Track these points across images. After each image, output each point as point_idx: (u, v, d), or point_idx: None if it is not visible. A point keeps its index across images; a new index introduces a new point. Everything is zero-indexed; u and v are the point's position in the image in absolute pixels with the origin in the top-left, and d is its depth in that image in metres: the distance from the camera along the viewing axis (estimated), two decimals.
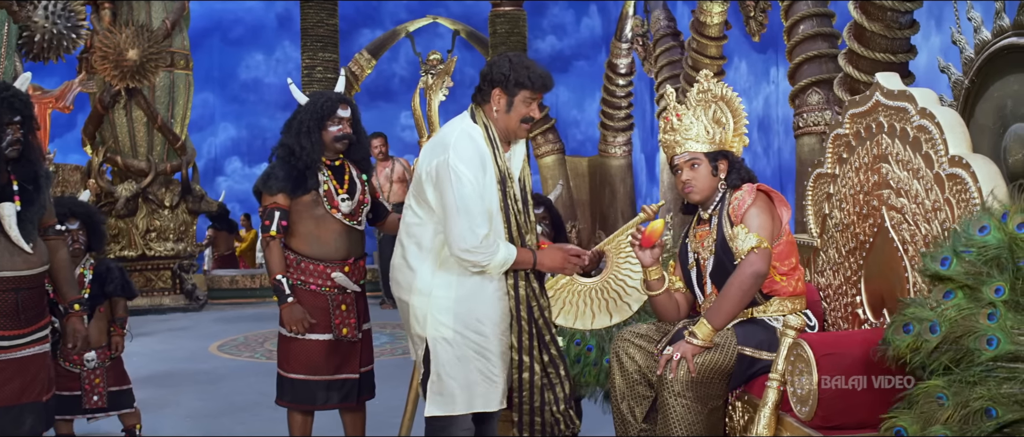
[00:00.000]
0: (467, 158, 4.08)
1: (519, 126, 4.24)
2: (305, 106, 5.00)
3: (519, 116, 4.21)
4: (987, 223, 3.22)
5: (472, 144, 4.12)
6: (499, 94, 4.19)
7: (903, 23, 6.05)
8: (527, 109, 4.22)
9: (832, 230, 4.64)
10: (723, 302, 4.04)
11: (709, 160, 4.25)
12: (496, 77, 4.19)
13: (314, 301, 4.98)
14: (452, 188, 4.04)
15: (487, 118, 4.22)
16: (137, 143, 12.34)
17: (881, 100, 4.20)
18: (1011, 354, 2.99)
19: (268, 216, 4.93)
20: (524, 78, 4.16)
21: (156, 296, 12.48)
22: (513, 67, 4.18)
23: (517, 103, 4.20)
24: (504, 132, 4.24)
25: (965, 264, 3.18)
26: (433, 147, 4.19)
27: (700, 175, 4.26)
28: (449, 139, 4.14)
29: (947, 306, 3.14)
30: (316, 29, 12.37)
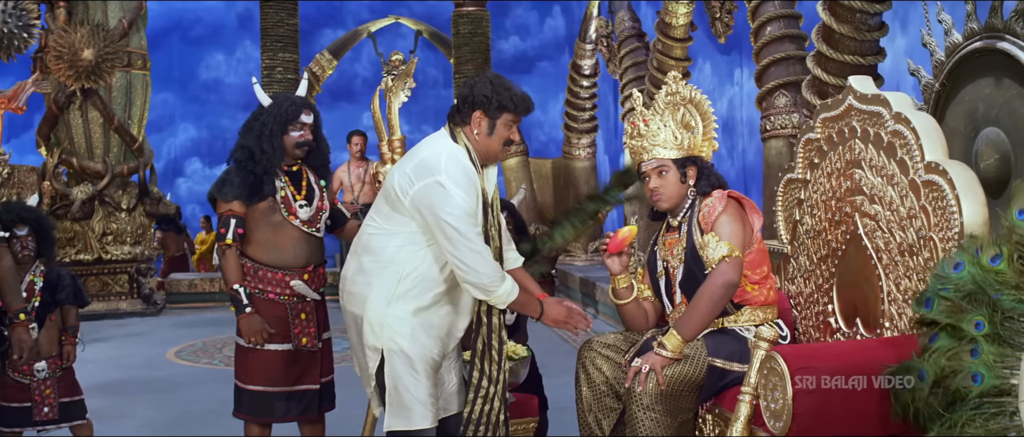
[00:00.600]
0: (460, 181, 3.94)
1: (500, 149, 4.12)
2: (268, 109, 4.85)
3: (500, 139, 4.09)
4: (961, 260, 3.19)
5: (461, 167, 3.99)
6: (480, 116, 4.05)
7: (872, 25, 5.97)
8: (508, 132, 4.10)
9: (803, 237, 4.54)
10: (693, 313, 3.93)
11: (677, 167, 4.14)
12: (478, 99, 4.05)
13: (273, 310, 4.84)
14: (450, 213, 3.90)
15: (467, 140, 4.09)
16: (93, 144, 12.14)
17: (854, 104, 4.10)
18: (996, 389, 2.97)
19: (224, 224, 4.78)
20: (507, 101, 4.03)
21: (113, 300, 12.28)
22: (495, 90, 4.04)
23: (499, 126, 4.06)
24: (483, 155, 4.11)
25: (946, 303, 3.17)
26: (417, 169, 4.00)
27: (668, 182, 4.15)
28: (437, 162, 3.98)
29: (933, 349, 3.15)
30: (276, 29, 12.20)
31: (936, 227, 3.57)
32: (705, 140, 4.20)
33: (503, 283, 3.96)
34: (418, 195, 3.93)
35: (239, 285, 4.74)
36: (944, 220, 3.52)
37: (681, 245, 4.15)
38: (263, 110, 4.86)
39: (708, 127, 4.19)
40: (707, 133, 4.20)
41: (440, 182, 3.89)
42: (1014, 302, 3.00)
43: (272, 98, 4.94)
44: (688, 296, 4.07)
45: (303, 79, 5.42)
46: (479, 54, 13.19)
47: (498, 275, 3.95)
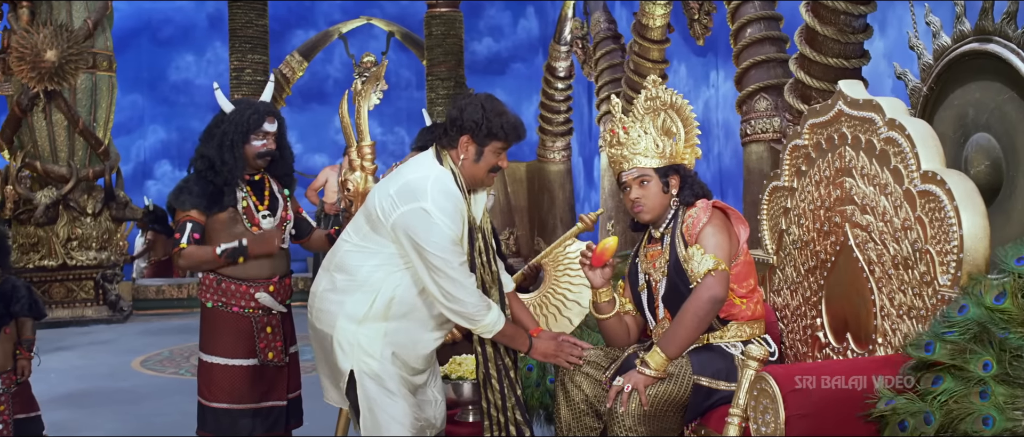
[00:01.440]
0: (446, 208, 3.78)
1: (486, 176, 3.95)
2: (230, 116, 4.65)
3: (487, 166, 3.92)
4: (966, 302, 3.11)
5: (447, 193, 3.82)
6: (468, 142, 3.88)
7: (856, 27, 5.81)
8: (496, 159, 3.93)
9: (790, 247, 4.37)
10: (678, 329, 3.74)
11: (659, 176, 3.93)
12: (466, 124, 3.86)
13: (237, 324, 4.68)
14: (434, 242, 3.74)
15: (453, 163, 3.92)
16: (57, 148, 11.89)
17: (844, 109, 3.93)
18: (1008, 432, 2.86)
19: (179, 228, 4.58)
20: (497, 129, 3.86)
21: (78, 307, 12.04)
22: (486, 115, 3.85)
23: (487, 153, 3.90)
24: (469, 180, 3.94)
25: (949, 345, 3.08)
26: (401, 192, 3.82)
27: (650, 193, 3.94)
28: (422, 186, 3.81)
29: (937, 392, 3.03)
30: (245, 30, 11.98)
31: (933, 239, 3.40)
32: (687, 147, 4.00)
33: (489, 313, 3.82)
34: (401, 220, 3.76)
35: (219, 247, 4.58)
36: (942, 232, 3.35)
37: (664, 257, 3.95)
38: (224, 117, 4.66)
39: (690, 133, 3.99)
40: (689, 139, 3.99)
41: (425, 209, 3.73)
42: (1021, 340, 2.93)
43: (235, 104, 4.73)
44: (672, 311, 3.89)
45: (269, 82, 5.21)
46: (452, 55, 13.01)
47: (483, 304, 3.80)
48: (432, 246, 3.70)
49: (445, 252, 3.71)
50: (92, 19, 11.80)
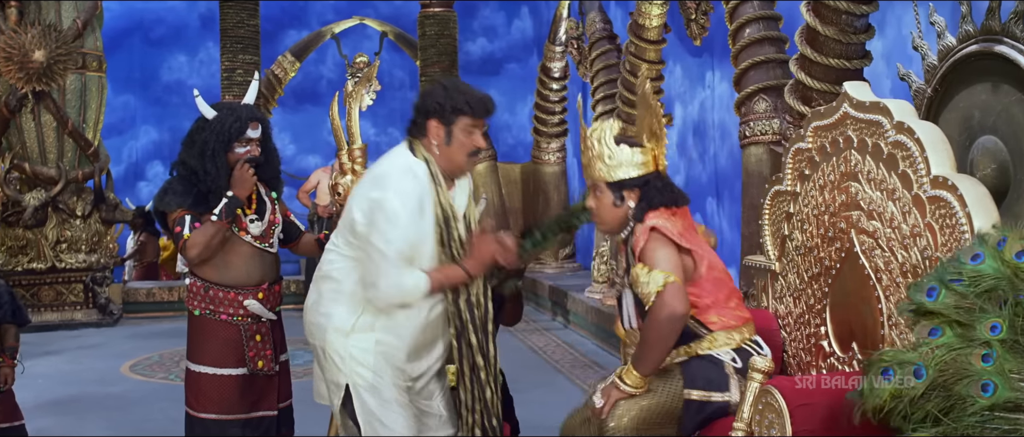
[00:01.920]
0: (406, 197, 3.69)
1: (465, 160, 3.82)
2: (211, 124, 4.51)
3: (463, 148, 3.79)
4: (981, 251, 2.82)
5: (414, 182, 3.72)
6: (436, 125, 3.77)
7: (858, 27, 5.69)
8: (468, 139, 3.79)
9: (792, 253, 4.26)
10: (645, 351, 3.59)
11: (611, 190, 3.78)
12: (430, 107, 3.77)
13: (226, 332, 4.56)
14: (382, 230, 3.66)
15: (428, 152, 3.80)
16: (46, 149, 11.77)
17: (850, 112, 3.82)
18: (1010, 402, 2.60)
19: (178, 222, 4.45)
20: (461, 104, 3.74)
21: (67, 311, 11.92)
22: (448, 94, 3.76)
23: (457, 133, 3.77)
24: (448, 166, 3.82)
25: (955, 296, 2.78)
26: (371, 182, 3.78)
27: (601, 205, 3.82)
28: (390, 174, 3.75)
29: (934, 345, 2.74)
30: (236, 30, 11.86)
31: (944, 247, 3.29)
32: (659, 150, 3.84)
33: (408, 279, 3.71)
34: (365, 207, 3.71)
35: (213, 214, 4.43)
36: (953, 239, 3.24)
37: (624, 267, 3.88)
38: (206, 124, 4.52)
39: (661, 137, 3.82)
40: (660, 142, 3.83)
41: (384, 200, 3.67)
42: None
43: (217, 109, 4.60)
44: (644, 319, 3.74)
45: (253, 82, 5.08)
46: (446, 56, 12.89)
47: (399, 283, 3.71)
48: (381, 242, 3.65)
49: (390, 249, 3.65)
50: (81, 19, 11.68)
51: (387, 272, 3.66)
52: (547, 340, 10.03)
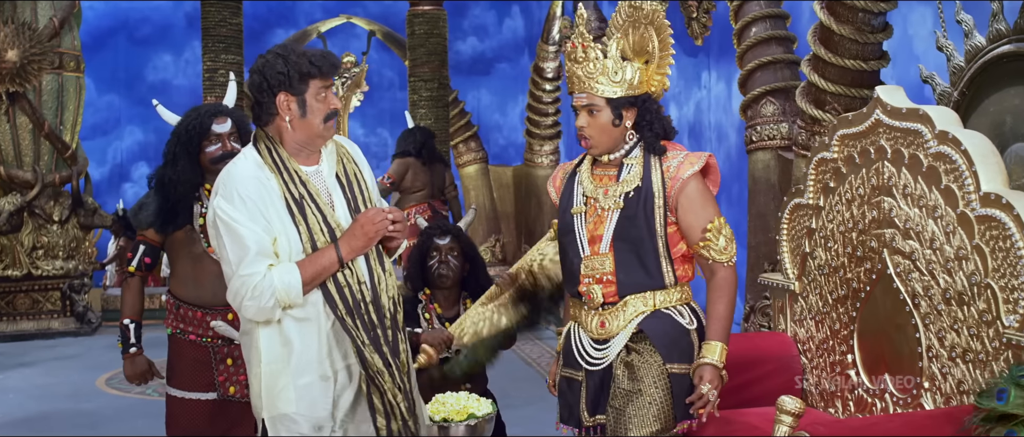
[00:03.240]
0: (232, 196, 3.32)
1: (324, 127, 3.40)
2: (175, 129, 4.26)
3: (319, 115, 3.37)
4: None
5: (239, 178, 3.35)
6: (286, 99, 3.35)
7: (876, 26, 5.35)
8: (323, 103, 3.38)
9: (815, 273, 3.90)
10: (727, 319, 3.41)
11: (611, 108, 3.47)
12: (273, 80, 3.34)
13: (195, 353, 4.30)
14: (223, 237, 3.32)
15: (274, 136, 3.42)
16: (22, 152, 11.37)
17: (883, 119, 3.46)
18: None
19: (133, 250, 4.30)
20: (306, 67, 3.34)
21: (44, 319, 11.50)
22: (288, 62, 3.34)
23: (310, 100, 3.35)
24: (305, 141, 3.42)
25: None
26: (214, 189, 3.44)
27: (597, 124, 3.49)
28: (222, 178, 3.40)
29: None
30: (218, 29, 11.44)
31: (995, 272, 2.93)
32: (658, 73, 3.53)
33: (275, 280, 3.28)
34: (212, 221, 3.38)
35: (130, 320, 4.31)
36: (1007, 264, 2.88)
37: (622, 190, 3.49)
38: (173, 131, 4.30)
39: (664, 58, 3.52)
40: (661, 65, 3.53)
41: (215, 204, 3.34)
42: None
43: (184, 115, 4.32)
44: (619, 249, 3.46)
45: (231, 83, 4.76)
46: (436, 56, 12.51)
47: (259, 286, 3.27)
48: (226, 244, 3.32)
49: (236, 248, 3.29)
50: (58, 17, 11.29)
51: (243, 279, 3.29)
52: (541, 351, 9.65)
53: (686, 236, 3.44)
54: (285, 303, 3.29)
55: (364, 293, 3.37)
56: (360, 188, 3.50)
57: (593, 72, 3.46)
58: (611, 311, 3.46)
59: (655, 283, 3.43)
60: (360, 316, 3.35)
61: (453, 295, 4.79)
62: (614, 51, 3.47)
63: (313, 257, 3.33)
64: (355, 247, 3.36)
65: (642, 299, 3.44)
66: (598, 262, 3.48)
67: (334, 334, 3.38)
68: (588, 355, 3.52)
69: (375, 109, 16.93)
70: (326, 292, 3.34)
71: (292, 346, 3.35)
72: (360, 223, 3.37)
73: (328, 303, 3.34)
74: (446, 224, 5.04)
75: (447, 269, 4.70)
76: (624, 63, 3.47)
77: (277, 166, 3.38)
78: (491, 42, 18.24)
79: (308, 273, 3.31)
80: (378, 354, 3.35)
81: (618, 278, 3.44)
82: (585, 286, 3.50)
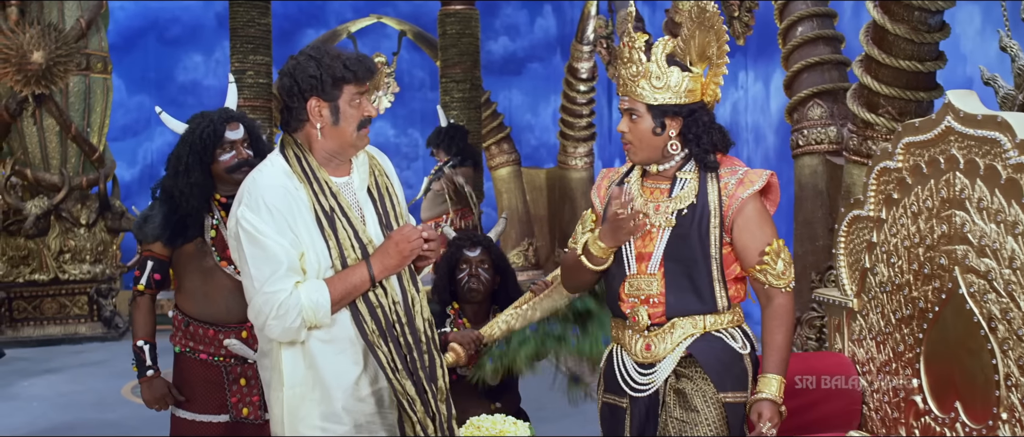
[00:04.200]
0: (259, 206, 3.10)
1: (357, 136, 3.18)
2: (183, 137, 4.01)
3: (353, 122, 3.15)
4: None
5: (265, 186, 3.13)
6: (318, 105, 3.12)
7: (933, 25, 5.07)
8: (358, 110, 3.15)
9: (876, 290, 3.64)
10: (785, 351, 3.18)
11: (652, 115, 3.21)
12: (305, 84, 3.11)
13: (206, 373, 4.11)
14: (246, 250, 3.08)
15: (304, 143, 3.20)
16: (49, 155, 11.33)
17: (955, 126, 3.20)
18: None
19: (140, 266, 4.05)
20: (340, 71, 3.11)
21: (71, 324, 11.44)
22: (321, 65, 3.11)
23: (344, 106, 3.13)
24: (337, 150, 3.20)
25: None
26: (237, 197, 3.20)
27: (637, 131, 3.23)
28: (247, 186, 3.17)
29: None
30: (246, 29, 11.21)
31: None
32: (713, 81, 3.28)
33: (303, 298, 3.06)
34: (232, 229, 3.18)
35: (144, 341, 4.10)
36: None
37: (675, 206, 3.24)
38: (180, 139, 4.09)
39: (719, 65, 3.26)
40: (716, 73, 3.27)
41: (238, 213, 3.11)
42: None
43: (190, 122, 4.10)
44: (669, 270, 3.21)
45: (230, 85, 4.54)
46: (468, 56, 12.26)
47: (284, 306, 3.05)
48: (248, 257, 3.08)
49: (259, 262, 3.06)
50: (85, 18, 11.24)
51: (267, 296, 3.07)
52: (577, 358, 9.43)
53: (741, 258, 3.19)
54: (312, 323, 3.08)
55: (399, 314, 3.15)
56: (392, 203, 3.28)
57: (636, 75, 3.21)
58: (657, 333, 3.21)
59: (707, 307, 3.18)
60: (394, 339, 3.13)
61: (483, 310, 4.56)
62: (659, 54, 3.21)
63: (343, 274, 3.11)
64: (388, 265, 3.14)
65: (691, 321, 3.19)
66: (645, 282, 3.23)
67: (364, 356, 3.16)
68: (633, 380, 3.27)
69: (406, 109, 16.83)
70: (356, 312, 3.12)
71: (318, 369, 3.14)
72: (394, 240, 3.15)
73: (357, 324, 3.12)
74: (476, 235, 4.80)
75: (477, 283, 4.47)
76: (671, 68, 3.21)
77: (306, 175, 3.16)
78: (523, 42, 18.13)
79: (338, 291, 3.09)
80: (411, 380, 3.12)
81: (667, 300, 3.19)
82: (629, 307, 3.25)
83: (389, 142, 16.17)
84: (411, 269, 3.23)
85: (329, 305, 3.07)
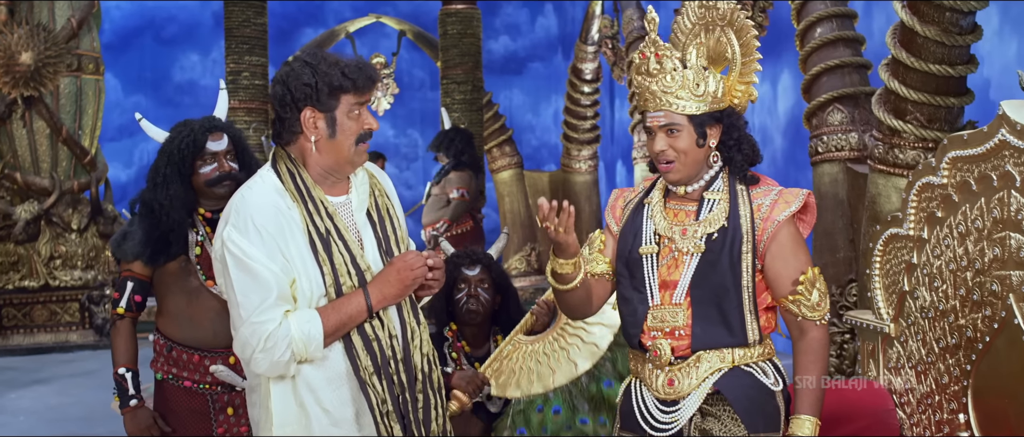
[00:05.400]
0: (247, 227, 2.83)
1: (355, 152, 2.91)
2: (163, 147, 3.80)
3: (351, 135, 2.89)
4: None
5: (255, 206, 2.87)
6: (313, 116, 2.87)
7: (965, 26, 4.79)
8: (357, 122, 2.89)
9: (916, 315, 3.36)
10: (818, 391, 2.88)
11: (695, 126, 2.93)
12: (298, 93, 2.86)
13: (190, 402, 3.88)
14: (232, 275, 2.82)
15: (297, 158, 2.95)
16: (39, 158, 11.16)
17: (1010, 140, 2.92)
18: None
19: (119, 287, 3.80)
20: (338, 79, 2.85)
21: (62, 332, 11.24)
22: (317, 72, 2.84)
23: (341, 118, 2.87)
24: (334, 165, 2.93)
25: None
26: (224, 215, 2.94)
27: (680, 145, 2.94)
28: (231, 204, 2.91)
29: None
30: (242, 29, 10.97)
31: None
32: (742, 82, 3.00)
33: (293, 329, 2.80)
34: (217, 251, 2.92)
35: (126, 368, 3.85)
36: None
37: (705, 230, 2.95)
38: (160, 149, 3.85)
39: (748, 65, 2.98)
40: (746, 73, 2.99)
41: (223, 234, 2.85)
42: None
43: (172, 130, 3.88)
44: (694, 299, 2.94)
45: (221, 91, 4.28)
46: (470, 57, 12.00)
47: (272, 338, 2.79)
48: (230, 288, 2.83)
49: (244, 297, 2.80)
50: (76, 18, 11.07)
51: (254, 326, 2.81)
52: None
53: (772, 287, 2.91)
54: (302, 357, 2.81)
55: (396, 348, 2.87)
56: (393, 227, 3.01)
57: (671, 86, 2.92)
58: (681, 367, 2.92)
59: (736, 340, 2.89)
60: (388, 376, 2.84)
61: (483, 331, 4.30)
62: (695, 60, 2.93)
63: (338, 304, 2.84)
64: (387, 294, 2.87)
65: (718, 355, 2.90)
66: (669, 313, 2.94)
67: (361, 392, 2.88)
68: (653, 419, 2.98)
69: (406, 109, 16.73)
70: (349, 345, 2.84)
71: (309, 408, 2.86)
72: (396, 268, 2.88)
73: (350, 359, 2.84)
74: (475, 252, 4.51)
75: (477, 304, 4.21)
76: (706, 73, 2.94)
77: (300, 193, 2.89)
78: (524, 41, 18.06)
79: (331, 322, 2.82)
80: (401, 424, 2.84)
81: (693, 332, 2.90)
82: (650, 340, 2.96)
83: (388, 143, 16.01)
84: (412, 298, 2.95)
85: (322, 337, 2.81)
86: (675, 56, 2.92)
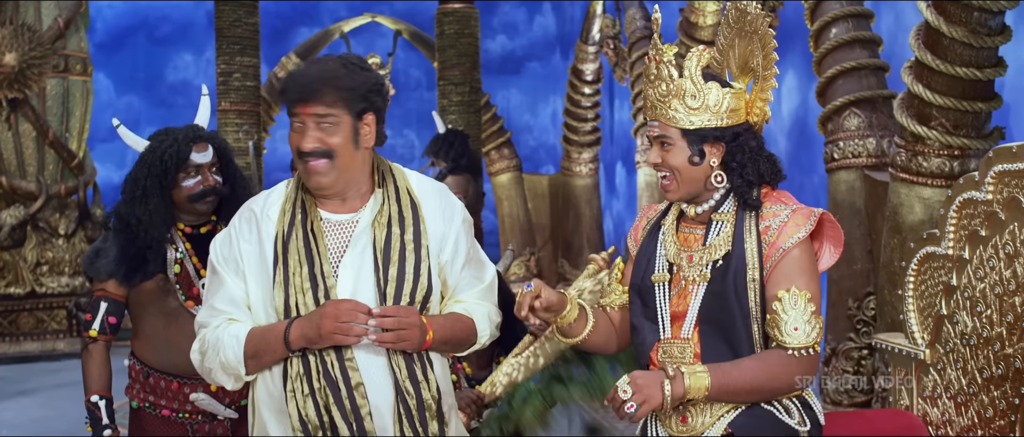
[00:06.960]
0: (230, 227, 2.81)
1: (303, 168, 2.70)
2: (142, 157, 3.57)
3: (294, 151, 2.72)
4: None
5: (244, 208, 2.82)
6: None
7: (993, 28, 4.52)
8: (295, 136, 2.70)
9: (956, 341, 3.10)
10: (741, 377, 2.59)
11: (689, 142, 2.70)
12: None
13: (168, 432, 3.64)
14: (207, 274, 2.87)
15: None
16: (25, 161, 11.08)
17: None
18: None
19: (91, 308, 3.58)
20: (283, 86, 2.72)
21: (48, 340, 11.12)
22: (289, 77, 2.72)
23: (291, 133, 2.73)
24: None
25: None
26: None
27: (671, 160, 2.71)
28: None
29: None
30: (233, 29, 10.74)
31: None
32: (761, 98, 2.75)
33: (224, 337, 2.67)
34: None
35: (99, 396, 3.61)
36: None
37: (709, 257, 2.71)
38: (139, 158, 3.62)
39: (767, 78, 2.74)
40: (764, 88, 2.75)
41: None
42: None
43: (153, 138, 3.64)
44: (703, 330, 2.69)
45: (203, 98, 4.03)
46: (467, 57, 11.74)
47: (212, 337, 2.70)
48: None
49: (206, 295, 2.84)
50: (63, 18, 10.98)
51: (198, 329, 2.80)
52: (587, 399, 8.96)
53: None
54: (232, 371, 2.67)
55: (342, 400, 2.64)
56: (402, 259, 2.72)
57: (665, 95, 2.68)
58: (696, 403, 2.65)
59: None
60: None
61: (485, 354, 4.03)
62: (693, 68, 2.67)
63: (265, 327, 2.66)
64: (308, 335, 2.63)
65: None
66: (678, 348, 2.69)
67: None
68: None
69: (402, 109, 16.64)
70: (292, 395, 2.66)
71: None
72: (324, 310, 2.62)
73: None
74: None
75: None
76: (708, 84, 2.67)
77: (293, 204, 2.72)
78: (521, 40, 17.98)
79: (252, 345, 2.63)
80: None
81: None
82: None
83: (385, 144, 15.89)
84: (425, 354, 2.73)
85: (242, 359, 2.64)
86: (672, 63, 2.66)
